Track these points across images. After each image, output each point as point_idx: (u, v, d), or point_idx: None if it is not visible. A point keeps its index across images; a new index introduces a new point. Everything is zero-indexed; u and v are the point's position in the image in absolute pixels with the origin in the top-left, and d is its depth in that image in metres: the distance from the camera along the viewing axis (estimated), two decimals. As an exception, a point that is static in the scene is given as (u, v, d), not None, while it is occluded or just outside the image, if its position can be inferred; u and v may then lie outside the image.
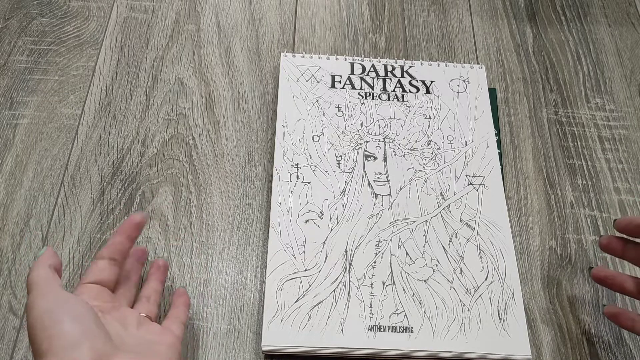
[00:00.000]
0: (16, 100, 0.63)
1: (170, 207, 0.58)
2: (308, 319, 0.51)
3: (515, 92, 0.69)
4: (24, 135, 0.61)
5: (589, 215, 0.61)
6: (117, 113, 0.63)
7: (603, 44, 0.73)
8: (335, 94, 0.64)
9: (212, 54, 0.68)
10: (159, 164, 0.60)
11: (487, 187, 0.59)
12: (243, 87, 0.66)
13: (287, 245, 0.55)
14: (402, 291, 0.53)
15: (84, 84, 0.65)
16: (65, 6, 0.70)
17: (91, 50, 0.67)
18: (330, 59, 0.66)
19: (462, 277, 0.54)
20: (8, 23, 0.68)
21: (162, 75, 0.66)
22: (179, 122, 0.63)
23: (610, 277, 0.51)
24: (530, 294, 0.56)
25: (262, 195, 0.59)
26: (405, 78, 0.66)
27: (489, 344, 0.51)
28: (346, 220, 0.56)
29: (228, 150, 0.62)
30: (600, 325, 0.55)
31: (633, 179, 0.63)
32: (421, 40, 0.72)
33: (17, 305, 0.52)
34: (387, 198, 0.58)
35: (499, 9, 0.75)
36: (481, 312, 0.53)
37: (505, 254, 0.56)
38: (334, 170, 0.59)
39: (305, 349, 0.50)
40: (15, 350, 0.50)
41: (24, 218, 0.56)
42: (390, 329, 0.51)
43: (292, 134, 0.61)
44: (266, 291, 0.52)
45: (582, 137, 0.66)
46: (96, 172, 0.59)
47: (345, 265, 0.54)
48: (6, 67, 0.65)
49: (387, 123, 0.63)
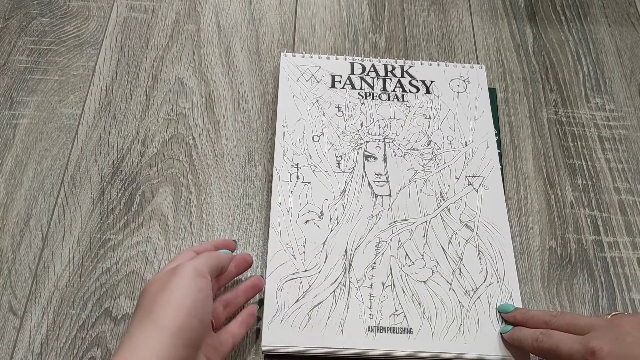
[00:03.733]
0: (16, 100, 0.63)
1: (170, 207, 0.58)
2: (308, 320, 0.51)
3: (515, 92, 0.69)
4: (24, 135, 0.61)
5: (589, 215, 0.61)
6: (117, 113, 0.63)
7: (603, 44, 0.73)
8: (335, 94, 0.64)
9: (212, 54, 0.68)
10: (159, 164, 0.60)
11: (486, 187, 0.59)
12: (243, 87, 0.66)
13: (287, 245, 0.55)
14: (402, 292, 0.53)
15: (84, 84, 0.65)
16: (65, 6, 0.70)
17: (91, 50, 0.67)
18: (330, 59, 0.66)
19: (461, 279, 0.54)
20: (8, 23, 0.68)
21: (162, 75, 0.66)
22: (179, 122, 0.63)
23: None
24: (530, 294, 0.56)
25: (262, 195, 0.59)
26: (405, 78, 0.66)
27: (488, 345, 0.51)
28: (346, 221, 0.56)
29: (228, 150, 0.62)
30: (599, 325, 0.55)
31: (633, 179, 0.63)
32: (421, 40, 0.72)
33: (17, 305, 0.52)
34: (386, 198, 0.58)
35: (499, 9, 0.75)
36: (480, 313, 0.53)
37: (504, 255, 0.56)
38: (334, 170, 0.59)
39: (305, 350, 0.50)
40: (15, 350, 0.50)
41: (24, 218, 0.56)
42: (390, 329, 0.51)
43: (292, 134, 0.61)
44: (266, 291, 0.52)
45: (582, 137, 0.66)
46: (96, 172, 0.59)
47: (345, 265, 0.54)
48: (6, 67, 0.65)
49: (387, 123, 0.63)
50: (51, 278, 0.53)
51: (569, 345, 0.44)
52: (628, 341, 0.42)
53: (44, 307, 0.52)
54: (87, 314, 0.52)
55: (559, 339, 0.45)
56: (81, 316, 0.52)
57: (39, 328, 0.51)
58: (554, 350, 0.45)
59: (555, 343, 0.45)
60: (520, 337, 0.49)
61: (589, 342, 0.43)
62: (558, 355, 0.45)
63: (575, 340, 0.44)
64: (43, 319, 0.52)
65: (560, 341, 0.45)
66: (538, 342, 0.47)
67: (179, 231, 0.57)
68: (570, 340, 0.45)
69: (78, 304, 0.52)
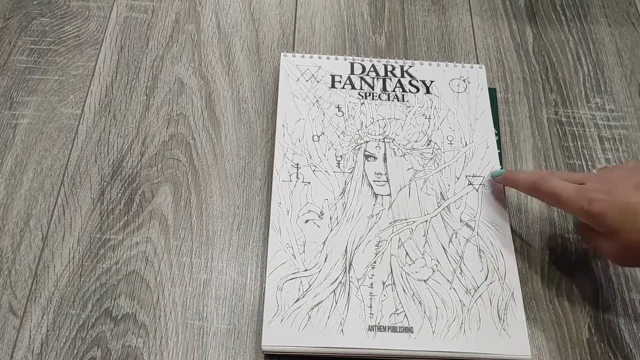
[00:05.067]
0: (16, 100, 0.63)
1: (170, 207, 0.58)
2: (308, 319, 0.51)
3: (515, 92, 0.69)
4: (24, 135, 0.61)
5: (589, 215, 0.61)
6: (117, 113, 0.63)
7: (603, 44, 0.73)
8: (335, 94, 0.64)
9: (212, 54, 0.68)
10: (159, 163, 0.60)
11: (487, 187, 0.59)
12: (243, 87, 0.66)
13: (287, 245, 0.55)
14: (402, 291, 0.53)
15: (84, 84, 0.65)
16: (65, 6, 0.70)
17: (91, 50, 0.67)
18: (330, 59, 0.66)
19: (462, 277, 0.54)
20: (8, 23, 0.68)
21: (162, 75, 0.66)
22: (179, 122, 0.63)
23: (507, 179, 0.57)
24: (530, 294, 0.56)
25: (262, 195, 0.59)
26: (405, 78, 0.66)
27: (489, 344, 0.51)
28: (346, 221, 0.56)
29: (228, 150, 0.62)
30: (600, 325, 0.55)
31: (633, 179, 0.63)
32: (421, 40, 0.72)
33: (17, 305, 0.52)
34: (387, 198, 0.58)
35: (499, 9, 0.75)
36: (481, 312, 0.53)
37: (505, 254, 0.56)
38: (334, 170, 0.59)
39: (305, 349, 0.50)
40: (15, 350, 0.50)
41: (24, 218, 0.56)
42: (390, 329, 0.51)
43: (292, 134, 0.61)
44: (266, 291, 0.52)
45: (582, 137, 0.66)
46: (96, 172, 0.59)
47: (345, 265, 0.54)
48: (6, 67, 0.65)
49: (387, 123, 0.63)
50: (51, 278, 0.53)
51: (567, 192, 0.49)
52: (618, 192, 0.47)
53: (44, 307, 0.52)
54: (87, 314, 0.52)
55: (557, 184, 0.51)
56: (81, 316, 0.52)
57: (39, 328, 0.51)
58: (554, 194, 0.50)
59: (554, 188, 0.50)
60: (514, 178, 0.56)
61: (586, 192, 0.48)
62: (557, 200, 0.50)
63: (574, 188, 0.49)
64: (43, 319, 0.52)
65: (559, 187, 0.50)
66: (536, 185, 0.52)
67: (179, 231, 0.57)
68: (568, 187, 0.50)
69: (78, 304, 0.52)
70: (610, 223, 0.46)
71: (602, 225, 0.47)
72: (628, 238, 0.46)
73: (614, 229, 0.47)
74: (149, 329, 0.52)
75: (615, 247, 0.47)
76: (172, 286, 0.54)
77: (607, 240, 0.48)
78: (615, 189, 0.47)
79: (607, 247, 0.48)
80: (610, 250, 0.48)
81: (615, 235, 0.47)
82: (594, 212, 0.47)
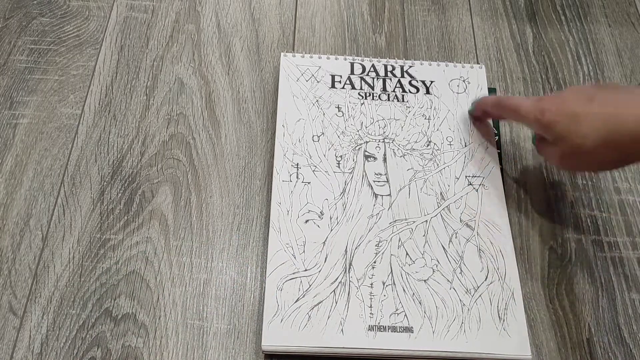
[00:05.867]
0: (16, 100, 0.63)
1: (170, 207, 0.58)
2: (308, 319, 0.51)
3: (515, 92, 0.69)
4: (24, 135, 0.61)
5: (589, 215, 0.61)
6: (117, 113, 0.63)
7: (603, 44, 0.73)
8: (335, 94, 0.64)
9: (212, 54, 0.68)
10: (159, 163, 0.60)
11: (486, 187, 0.59)
12: (243, 87, 0.66)
13: (287, 245, 0.55)
14: (402, 291, 0.53)
15: (84, 84, 0.65)
16: (65, 6, 0.70)
17: (91, 50, 0.67)
18: (330, 59, 0.66)
19: (462, 277, 0.54)
20: (8, 23, 0.68)
21: (162, 75, 0.66)
22: (179, 122, 0.63)
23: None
24: (530, 294, 0.56)
25: (262, 195, 0.59)
26: (405, 78, 0.66)
27: (489, 343, 0.51)
28: (346, 221, 0.56)
29: (228, 150, 0.62)
30: (600, 325, 0.55)
31: (633, 179, 0.63)
32: (421, 40, 0.72)
33: (17, 305, 0.52)
34: (387, 198, 0.58)
35: (499, 9, 0.75)
36: (481, 312, 0.53)
37: (505, 254, 0.56)
38: (334, 170, 0.59)
39: (305, 349, 0.50)
40: (15, 350, 0.50)
41: (24, 218, 0.56)
42: (390, 328, 0.51)
43: (292, 134, 0.61)
44: (266, 291, 0.52)
45: (582, 137, 0.66)
46: (96, 172, 0.59)
47: (345, 265, 0.54)
48: (6, 66, 0.65)
49: (387, 123, 0.63)
50: (51, 278, 0.53)
51: (525, 106, 0.54)
52: (569, 103, 0.51)
53: (44, 307, 0.52)
54: (87, 314, 0.52)
55: (517, 99, 0.57)
56: (81, 316, 0.52)
57: (39, 328, 0.51)
58: (513, 108, 0.56)
59: (514, 102, 0.56)
60: (483, 102, 0.62)
61: (541, 103, 0.53)
62: (517, 114, 0.55)
63: (531, 102, 0.54)
64: (43, 319, 0.52)
65: (519, 101, 0.56)
66: (500, 101, 0.59)
67: (179, 231, 0.57)
68: (526, 101, 0.55)
69: (78, 304, 0.52)
70: (559, 130, 0.50)
71: (552, 133, 0.51)
72: (573, 142, 0.50)
73: (562, 136, 0.50)
74: (149, 329, 0.52)
75: (562, 152, 0.51)
76: (172, 286, 0.54)
77: (556, 146, 0.52)
78: (567, 101, 0.51)
79: (555, 152, 0.52)
80: (558, 155, 0.52)
81: (562, 141, 0.51)
82: (546, 121, 0.51)
